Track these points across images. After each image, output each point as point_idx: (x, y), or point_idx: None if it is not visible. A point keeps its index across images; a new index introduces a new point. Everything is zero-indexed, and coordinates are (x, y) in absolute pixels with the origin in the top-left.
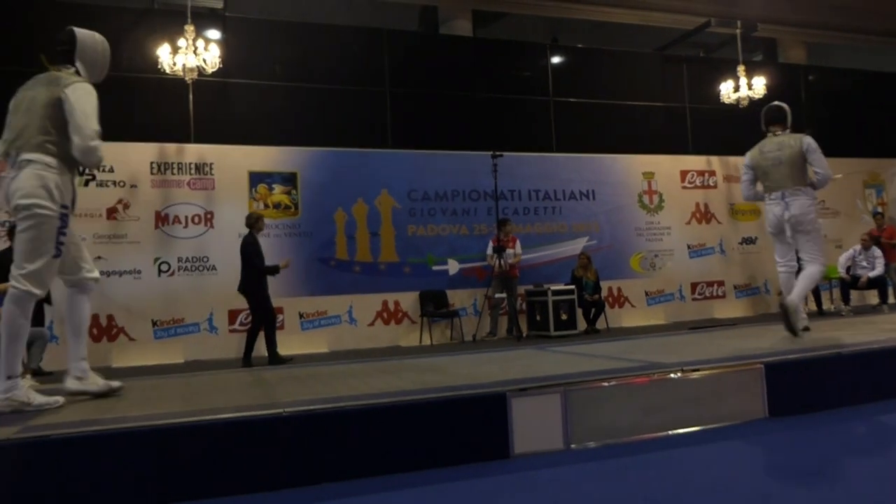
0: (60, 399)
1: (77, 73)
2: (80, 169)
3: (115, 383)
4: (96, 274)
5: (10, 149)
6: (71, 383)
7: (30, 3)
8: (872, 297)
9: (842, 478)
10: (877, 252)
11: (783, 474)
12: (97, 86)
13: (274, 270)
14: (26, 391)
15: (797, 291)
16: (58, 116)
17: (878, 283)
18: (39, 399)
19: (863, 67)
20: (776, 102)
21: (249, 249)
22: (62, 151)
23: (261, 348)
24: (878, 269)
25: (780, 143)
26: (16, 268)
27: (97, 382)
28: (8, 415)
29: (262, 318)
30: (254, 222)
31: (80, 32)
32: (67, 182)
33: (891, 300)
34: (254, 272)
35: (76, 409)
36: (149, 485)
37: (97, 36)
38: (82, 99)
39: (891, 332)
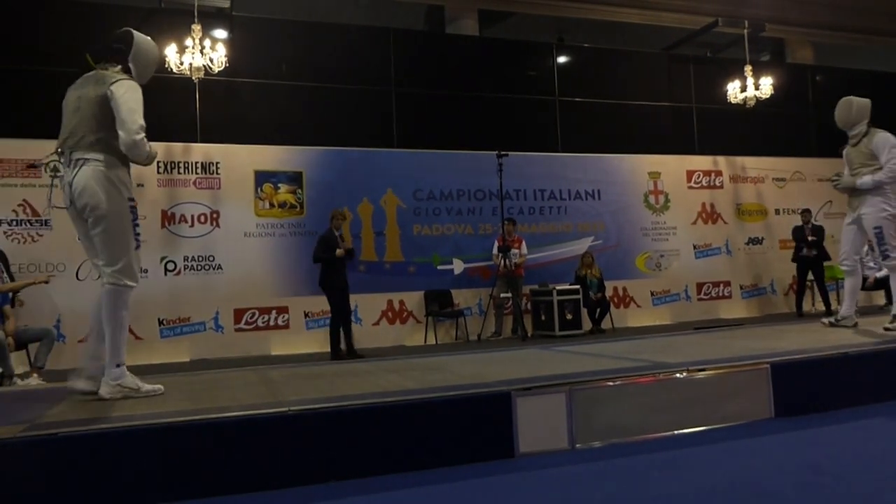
0: (162, 387)
1: (125, 71)
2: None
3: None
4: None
5: (63, 147)
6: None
7: (40, 2)
8: (879, 298)
9: (848, 478)
10: None
11: (789, 474)
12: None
13: (328, 259)
14: (134, 378)
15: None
16: (106, 113)
17: (885, 284)
18: (147, 386)
19: (870, 68)
20: None
21: (317, 242)
22: (115, 147)
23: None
24: (885, 270)
25: None
26: (106, 266)
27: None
28: (12, 413)
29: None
30: (330, 218)
31: (138, 35)
32: (126, 176)
33: None
34: (324, 266)
35: (83, 407)
36: (155, 483)
37: (151, 41)
38: (127, 94)
39: None
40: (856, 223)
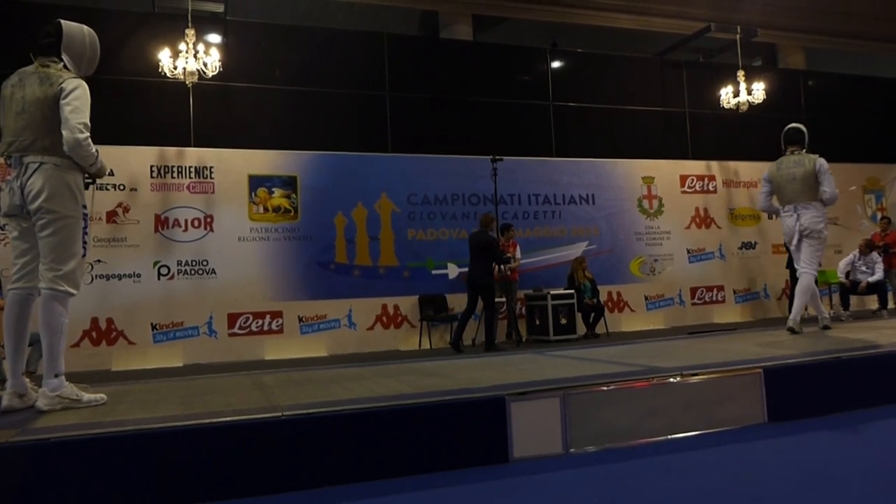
0: (105, 396)
1: (65, 66)
2: (86, 177)
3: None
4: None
5: (10, 151)
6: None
7: (29, 7)
8: (872, 303)
9: (841, 483)
10: (876, 257)
11: (782, 479)
12: (89, 81)
13: (508, 260)
14: (73, 388)
15: (796, 308)
16: (57, 115)
17: (878, 288)
18: (88, 396)
19: (862, 73)
20: (795, 124)
21: (492, 243)
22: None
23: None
24: (878, 275)
25: (796, 161)
26: (49, 270)
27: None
28: (7, 418)
29: (490, 307)
30: (489, 222)
31: (67, 24)
32: (81, 182)
33: (890, 305)
34: (486, 264)
35: (75, 412)
36: (148, 489)
37: (85, 28)
38: (74, 94)
39: (890, 336)
40: None
